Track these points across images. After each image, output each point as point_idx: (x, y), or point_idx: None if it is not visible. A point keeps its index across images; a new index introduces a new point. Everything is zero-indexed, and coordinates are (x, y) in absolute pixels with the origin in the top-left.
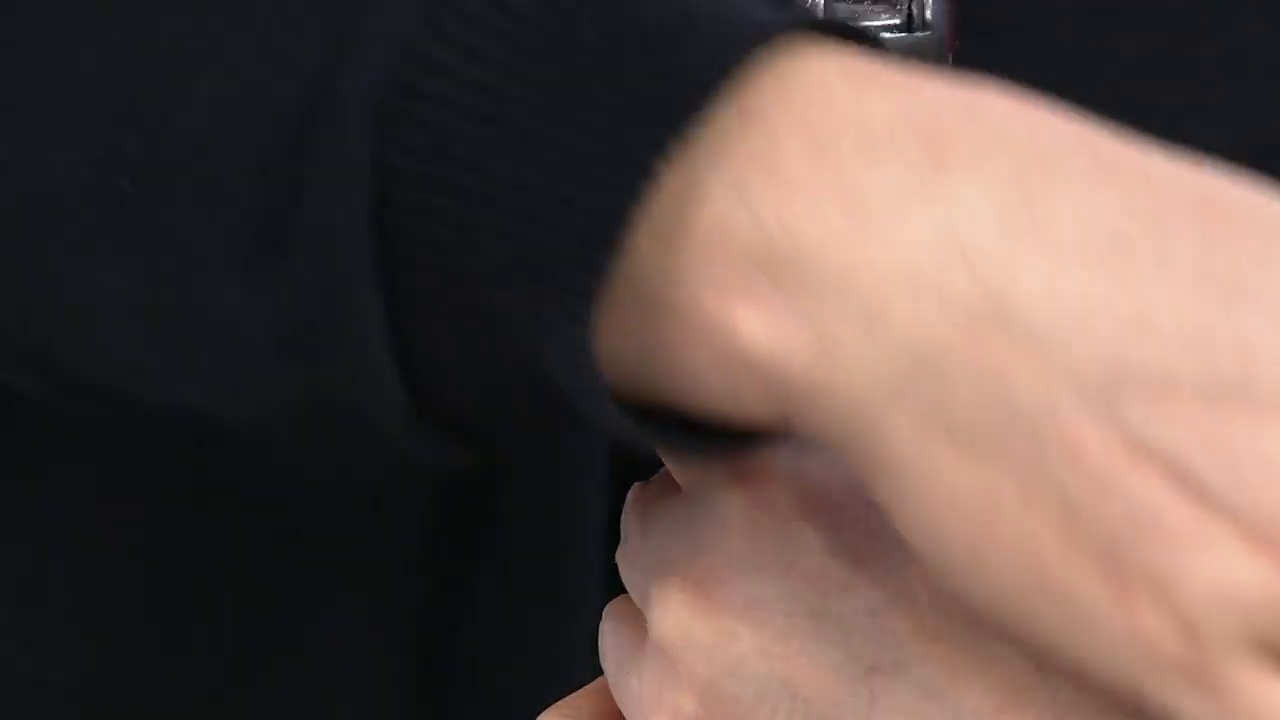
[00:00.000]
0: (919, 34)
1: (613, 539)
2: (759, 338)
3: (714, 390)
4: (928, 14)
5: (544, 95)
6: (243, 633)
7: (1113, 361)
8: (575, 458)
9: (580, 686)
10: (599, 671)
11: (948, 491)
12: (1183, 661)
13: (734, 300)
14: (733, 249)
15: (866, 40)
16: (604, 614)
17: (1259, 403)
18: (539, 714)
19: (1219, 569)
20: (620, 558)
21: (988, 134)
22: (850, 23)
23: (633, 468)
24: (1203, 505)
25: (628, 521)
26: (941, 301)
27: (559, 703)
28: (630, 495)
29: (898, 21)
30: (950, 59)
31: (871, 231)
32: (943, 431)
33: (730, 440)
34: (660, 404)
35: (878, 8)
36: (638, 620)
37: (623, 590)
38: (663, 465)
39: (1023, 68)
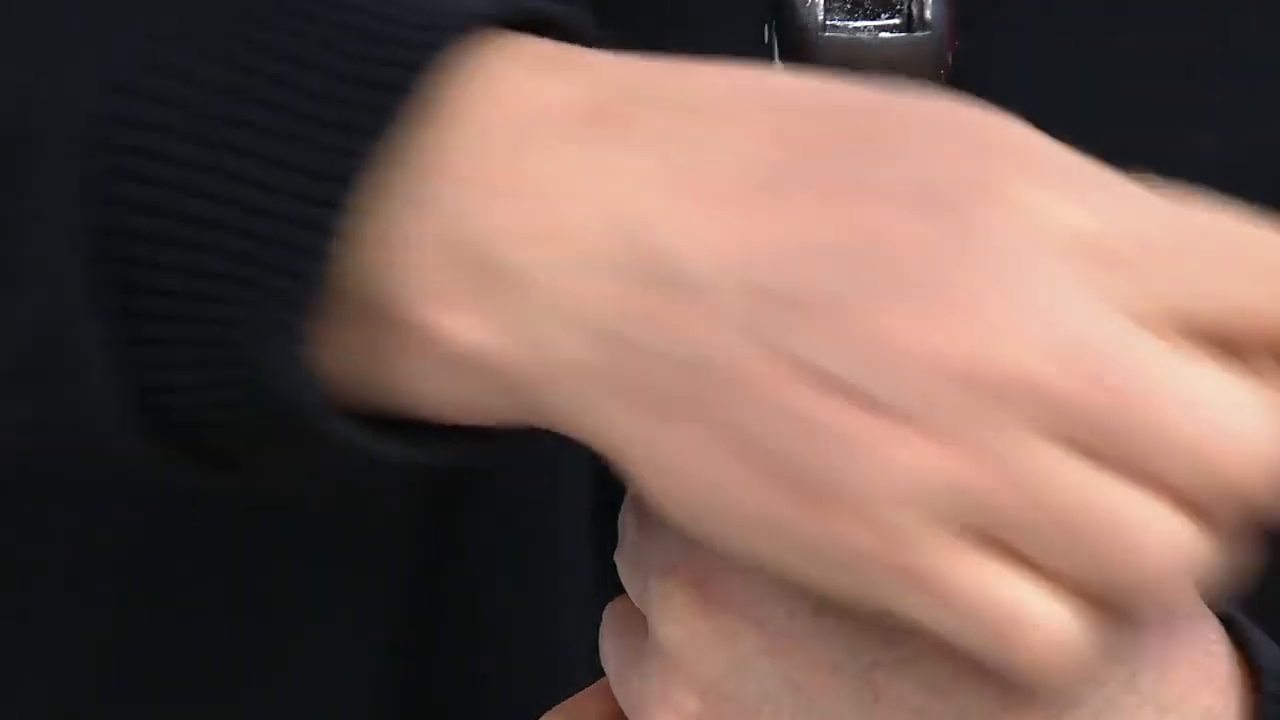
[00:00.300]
0: (918, 34)
1: (597, 534)
2: (467, 340)
3: (440, 396)
4: (927, 14)
5: (244, 110)
6: (223, 638)
7: (759, 292)
8: (555, 459)
9: (565, 684)
10: (582, 670)
11: (659, 457)
12: (892, 564)
13: (439, 304)
14: (430, 253)
15: (574, 25)
16: (604, 614)
17: (900, 297)
18: (527, 713)
19: (897, 467)
20: (619, 558)
21: (647, 98)
22: (557, 9)
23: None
24: (868, 409)
25: (626, 521)
26: (612, 273)
27: (561, 704)
28: (628, 495)
29: (897, 22)
30: (950, 59)
31: (545, 217)
32: (640, 400)
33: (472, 440)
34: (398, 413)
35: (876, 7)
36: (638, 620)
37: (611, 588)
38: None
39: (1022, 68)
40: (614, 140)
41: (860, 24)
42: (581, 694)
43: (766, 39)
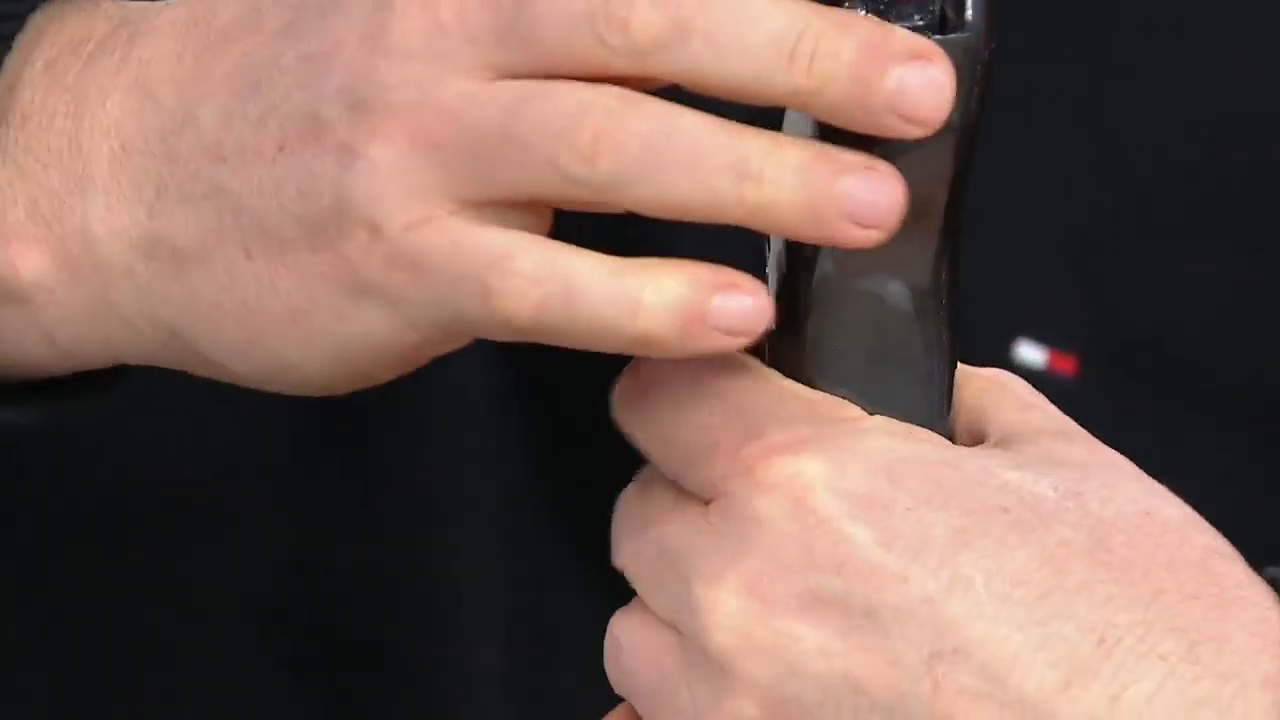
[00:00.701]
0: (957, 35)
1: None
2: (32, 274)
3: (34, 349)
4: (967, 14)
5: None
6: (117, 632)
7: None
8: (449, 433)
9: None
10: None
11: (204, 301)
12: (416, 263)
13: (12, 247)
14: (4, 196)
15: None
16: (616, 632)
17: (286, 49)
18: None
19: (372, 169)
20: (635, 567)
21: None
22: None
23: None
24: (313, 139)
25: (631, 526)
26: (142, 150)
27: None
28: (628, 498)
29: (923, 23)
30: (987, 57)
31: (84, 119)
32: (180, 256)
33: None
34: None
35: (909, 7)
36: (666, 633)
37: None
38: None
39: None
40: (136, 40)
41: (897, 24)
42: None
43: None
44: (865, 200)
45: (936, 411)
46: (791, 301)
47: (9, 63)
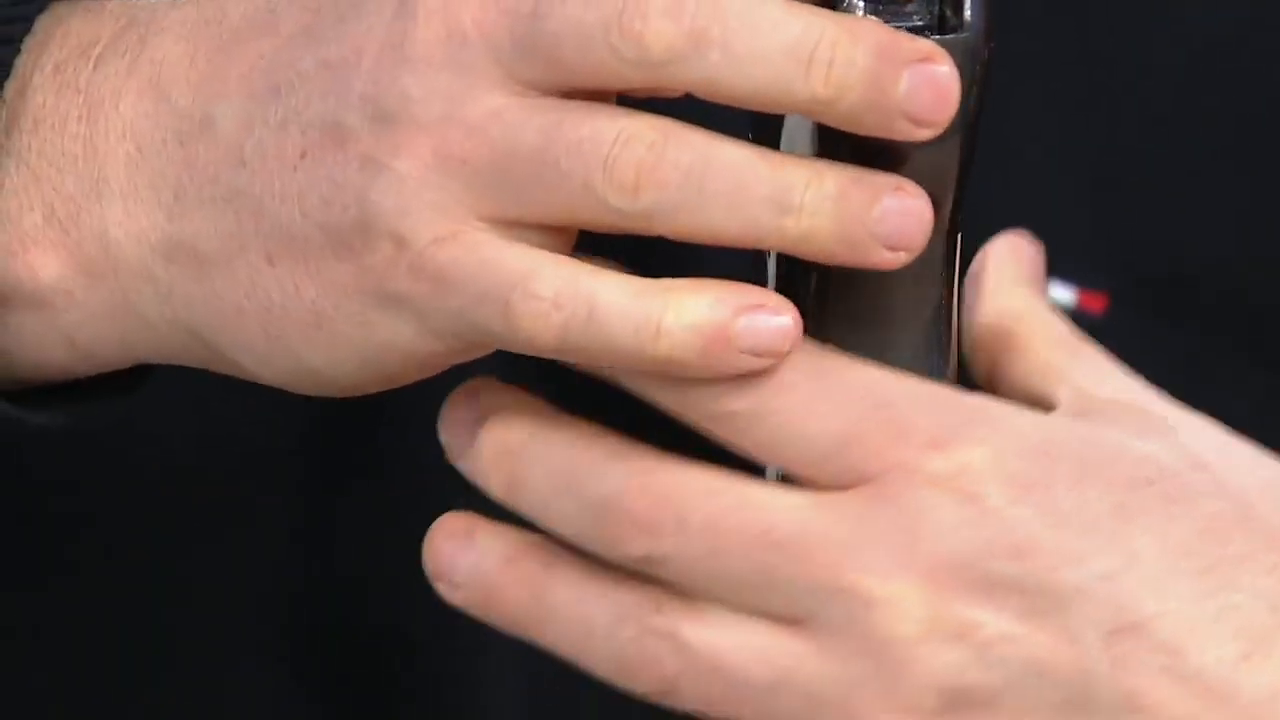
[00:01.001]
0: (957, 35)
1: None
2: (50, 278)
3: (56, 352)
4: (966, 14)
5: None
6: (124, 624)
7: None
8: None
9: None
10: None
11: (229, 306)
12: (405, 271)
13: (23, 251)
14: (15, 200)
15: None
16: (693, 642)
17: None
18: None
19: (401, 179)
20: (707, 563)
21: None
22: None
23: None
24: (336, 145)
25: (674, 513)
26: (160, 147)
27: None
28: (652, 483)
29: (923, 23)
30: (986, 57)
31: (97, 122)
32: (204, 260)
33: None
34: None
35: (909, 7)
36: (768, 626)
37: None
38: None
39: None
40: (148, 43)
41: (897, 25)
42: None
43: None
44: (896, 225)
45: None
46: (792, 301)
47: (18, 66)
